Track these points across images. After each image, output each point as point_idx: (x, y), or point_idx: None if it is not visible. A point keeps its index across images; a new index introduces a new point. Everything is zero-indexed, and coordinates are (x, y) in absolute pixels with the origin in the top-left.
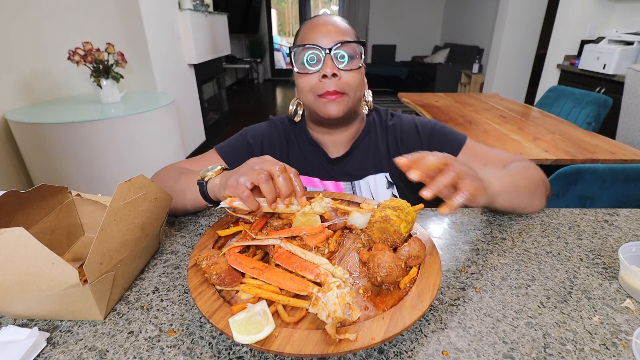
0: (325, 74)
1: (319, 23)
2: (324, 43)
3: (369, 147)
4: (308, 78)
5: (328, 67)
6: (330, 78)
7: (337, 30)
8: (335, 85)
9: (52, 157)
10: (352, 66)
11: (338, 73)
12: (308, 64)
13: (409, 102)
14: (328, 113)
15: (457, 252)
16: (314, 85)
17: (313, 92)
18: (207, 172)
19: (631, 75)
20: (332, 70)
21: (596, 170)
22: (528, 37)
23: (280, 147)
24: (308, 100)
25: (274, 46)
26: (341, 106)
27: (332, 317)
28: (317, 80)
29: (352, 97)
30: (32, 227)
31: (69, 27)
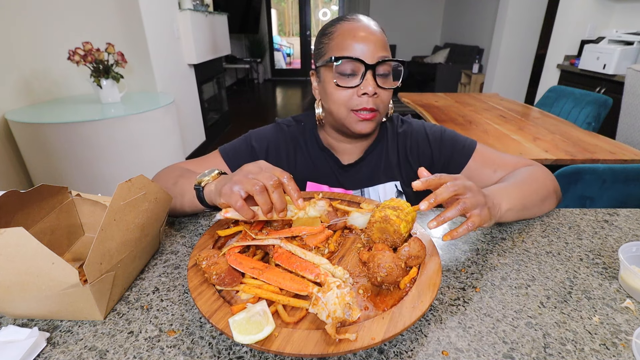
0: (367, 92)
1: (359, 30)
2: (367, 56)
3: (380, 155)
4: (344, 91)
5: (370, 85)
6: (371, 96)
7: (379, 43)
8: (373, 103)
9: (52, 157)
10: (390, 84)
11: (378, 92)
12: (347, 77)
13: (409, 102)
14: (359, 130)
15: (457, 252)
16: (350, 99)
17: (347, 106)
18: (204, 177)
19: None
20: (374, 89)
21: (596, 170)
22: (528, 37)
23: (287, 152)
24: (340, 113)
25: (274, 46)
26: (373, 124)
27: (332, 317)
28: (353, 94)
29: (383, 113)
30: (32, 227)
31: (69, 27)
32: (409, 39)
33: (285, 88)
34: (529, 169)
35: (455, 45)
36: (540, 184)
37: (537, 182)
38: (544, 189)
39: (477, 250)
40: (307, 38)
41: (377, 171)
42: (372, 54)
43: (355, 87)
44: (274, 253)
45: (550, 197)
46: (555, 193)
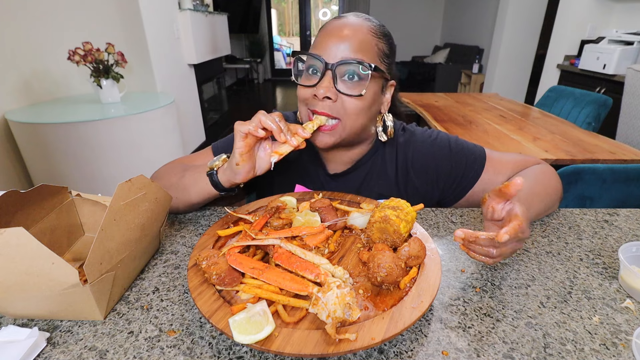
0: (316, 94)
1: (337, 27)
2: (331, 55)
3: (373, 168)
4: (304, 90)
5: (322, 87)
6: (322, 100)
7: (353, 42)
8: (329, 108)
9: (52, 157)
10: (354, 91)
11: (333, 96)
12: (308, 74)
13: (409, 102)
14: (315, 141)
15: (457, 252)
16: (307, 98)
17: (306, 106)
18: (215, 162)
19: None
20: (326, 92)
21: (596, 170)
22: (528, 37)
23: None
24: (302, 112)
25: (274, 46)
26: (332, 138)
27: (332, 317)
28: (310, 95)
29: (349, 126)
30: (32, 227)
31: (69, 27)
32: (409, 39)
33: (285, 88)
34: (537, 170)
35: (455, 45)
36: (550, 189)
37: (546, 189)
38: (554, 193)
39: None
40: (307, 38)
41: (368, 185)
42: (338, 53)
43: (312, 87)
44: (274, 253)
45: (557, 197)
46: (560, 193)
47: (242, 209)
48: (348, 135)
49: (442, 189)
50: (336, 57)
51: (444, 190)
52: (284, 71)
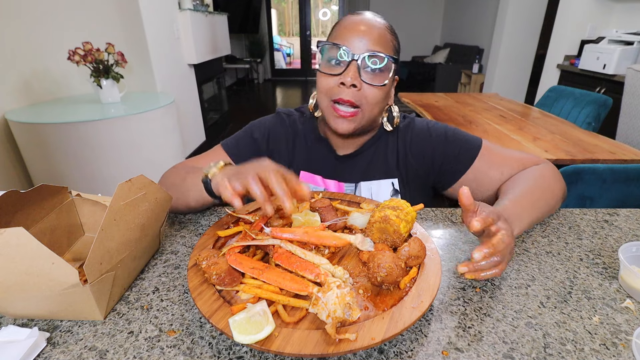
0: (344, 82)
1: (358, 22)
2: (356, 47)
3: (378, 151)
4: (327, 79)
5: (349, 76)
6: (349, 87)
7: (375, 37)
8: (352, 96)
9: (52, 157)
10: (376, 81)
11: (359, 84)
12: (331, 65)
13: (409, 102)
14: (336, 128)
15: (457, 252)
16: (331, 88)
17: (328, 96)
18: (211, 169)
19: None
20: (353, 80)
21: (596, 170)
22: (528, 37)
23: (287, 141)
24: (322, 102)
25: (274, 46)
26: (352, 124)
27: (332, 317)
28: (335, 84)
29: (367, 113)
30: (32, 227)
31: (69, 27)
32: (409, 39)
33: (285, 88)
34: (537, 173)
35: (455, 45)
36: (549, 193)
37: (546, 192)
38: (552, 198)
39: None
40: (307, 38)
41: (374, 166)
42: (362, 46)
43: (337, 75)
44: (274, 253)
45: (557, 201)
46: (562, 195)
47: (242, 209)
48: (366, 122)
49: (437, 172)
50: (361, 49)
51: (438, 173)
52: (284, 71)
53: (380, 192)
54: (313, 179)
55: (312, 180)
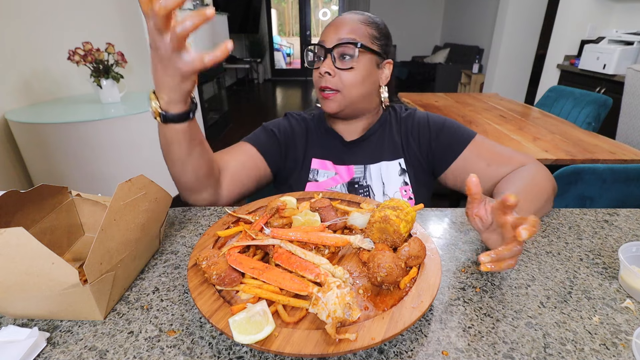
0: (320, 72)
1: (335, 21)
2: (329, 41)
3: (383, 136)
4: (314, 72)
5: (324, 65)
6: (324, 75)
7: (346, 30)
8: (329, 82)
9: (52, 157)
10: (345, 65)
11: (332, 72)
12: (313, 60)
13: (409, 102)
14: (324, 108)
15: (457, 252)
16: (317, 79)
17: (317, 86)
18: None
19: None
20: (326, 68)
21: (596, 170)
22: (528, 37)
23: (301, 135)
24: (316, 92)
25: (274, 46)
26: (334, 103)
27: (332, 317)
28: (317, 76)
29: (347, 94)
30: (32, 227)
31: (69, 27)
32: (409, 39)
33: (285, 88)
34: (531, 173)
35: (455, 45)
36: (542, 190)
37: (541, 191)
38: (546, 196)
39: (477, 250)
40: (307, 38)
41: (380, 150)
42: (332, 39)
43: (317, 68)
44: (274, 253)
45: (551, 200)
46: (554, 193)
47: (242, 209)
48: (350, 103)
49: (432, 157)
50: (332, 41)
51: (433, 159)
52: (284, 71)
53: (389, 172)
54: (324, 165)
55: (323, 166)
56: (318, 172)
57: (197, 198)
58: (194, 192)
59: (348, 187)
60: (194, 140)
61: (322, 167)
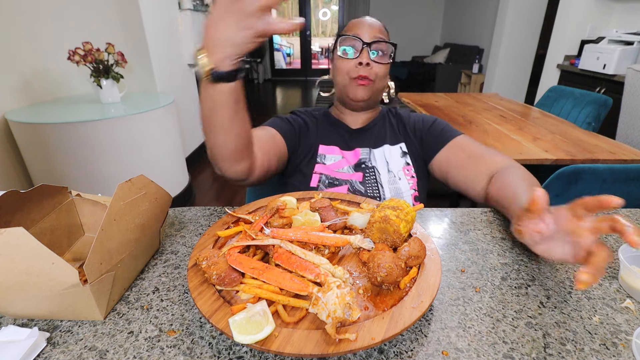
0: (362, 61)
1: (364, 21)
2: (365, 37)
3: (384, 126)
4: (346, 62)
5: (364, 57)
6: (364, 66)
7: (377, 30)
8: (367, 72)
9: (52, 157)
10: (383, 60)
11: (371, 63)
12: (348, 51)
13: (409, 102)
14: (356, 95)
15: (457, 252)
16: (350, 69)
17: (349, 75)
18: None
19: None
20: (367, 60)
21: (596, 170)
22: (528, 37)
23: (313, 126)
24: (343, 80)
25: (274, 46)
26: (368, 91)
27: (332, 317)
28: (353, 65)
29: (377, 84)
30: (32, 227)
31: (69, 27)
32: (409, 39)
33: (285, 88)
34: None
35: (455, 45)
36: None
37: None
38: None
39: (477, 250)
40: (307, 38)
41: (383, 136)
42: (369, 35)
43: (354, 59)
44: (274, 253)
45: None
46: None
47: (242, 209)
48: (376, 92)
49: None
50: (369, 38)
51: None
52: (284, 71)
53: (392, 153)
54: (331, 150)
55: (331, 151)
56: (325, 156)
57: (237, 169)
58: (235, 161)
59: (355, 168)
60: (239, 102)
61: (329, 151)
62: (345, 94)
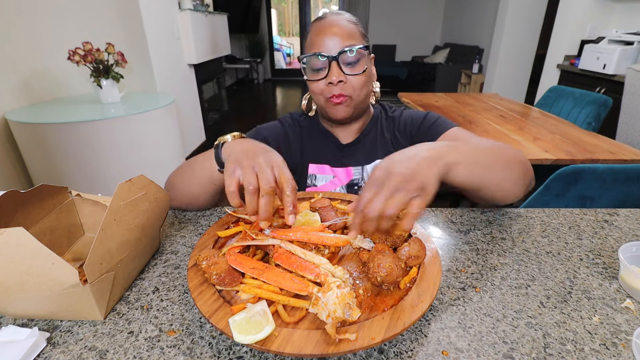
0: (331, 81)
1: (324, 26)
2: (330, 49)
3: (376, 135)
4: (317, 83)
5: (334, 75)
6: (336, 85)
7: (343, 34)
8: (341, 89)
9: (52, 157)
10: (357, 70)
11: (344, 79)
12: (316, 71)
13: (409, 102)
14: (336, 115)
15: (457, 252)
16: (323, 89)
17: (323, 95)
18: (226, 137)
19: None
20: (338, 77)
21: (596, 170)
22: (528, 37)
23: (295, 139)
24: (319, 102)
25: (274, 46)
26: (347, 109)
27: (332, 317)
28: (324, 85)
29: (357, 98)
30: (32, 227)
31: (69, 27)
32: (409, 39)
33: (286, 88)
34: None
35: (455, 45)
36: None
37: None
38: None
39: (477, 250)
40: None
41: (374, 149)
42: (335, 46)
43: (324, 78)
44: (274, 253)
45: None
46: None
47: (242, 209)
48: (357, 105)
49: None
50: (335, 49)
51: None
52: (284, 71)
53: None
54: (322, 169)
55: (321, 170)
56: (316, 177)
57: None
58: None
59: (347, 189)
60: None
61: (320, 171)
62: (325, 115)
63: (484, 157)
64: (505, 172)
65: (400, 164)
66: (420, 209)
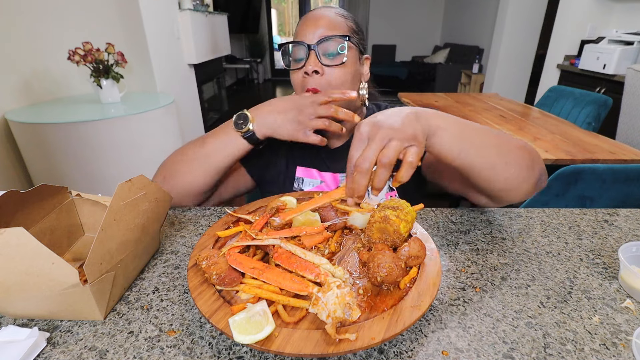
0: (307, 71)
1: (309, 17)
2: (309, 38)
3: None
4: (296, 74)
5: (310, 64)
6: (311, 75)
7: (326, 24)
8: (316, 83)
9: (52, 157)
10: (335, 62)
11: (320, 70)
12: (296, 61)
13: (409, 102)
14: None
15: (457, 252)
16: (301, 81)
17: (301, 88)
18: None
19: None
20: (313, 67)
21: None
22: (528, 37)
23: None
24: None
25: (274, 46)
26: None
27: (332, 317)
28: (301, 76)
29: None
30: (32, 227)
31: (69, 27)
32: (409, 39)
33: (286, 88)
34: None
35: (455, 45)
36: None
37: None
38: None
39: (477, 250)
40: None
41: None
42: (315, 35)
43: (302, 68)
44: (274, 253)
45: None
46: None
47: (242, 209)
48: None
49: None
50: (314, 38)
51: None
52: (284, 71)
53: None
54: (310, 173)
55: (309, 174)
56: (303, 180)
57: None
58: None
59: None
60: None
61: (307, 175)
62: None
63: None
64: (503, 157)
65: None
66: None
